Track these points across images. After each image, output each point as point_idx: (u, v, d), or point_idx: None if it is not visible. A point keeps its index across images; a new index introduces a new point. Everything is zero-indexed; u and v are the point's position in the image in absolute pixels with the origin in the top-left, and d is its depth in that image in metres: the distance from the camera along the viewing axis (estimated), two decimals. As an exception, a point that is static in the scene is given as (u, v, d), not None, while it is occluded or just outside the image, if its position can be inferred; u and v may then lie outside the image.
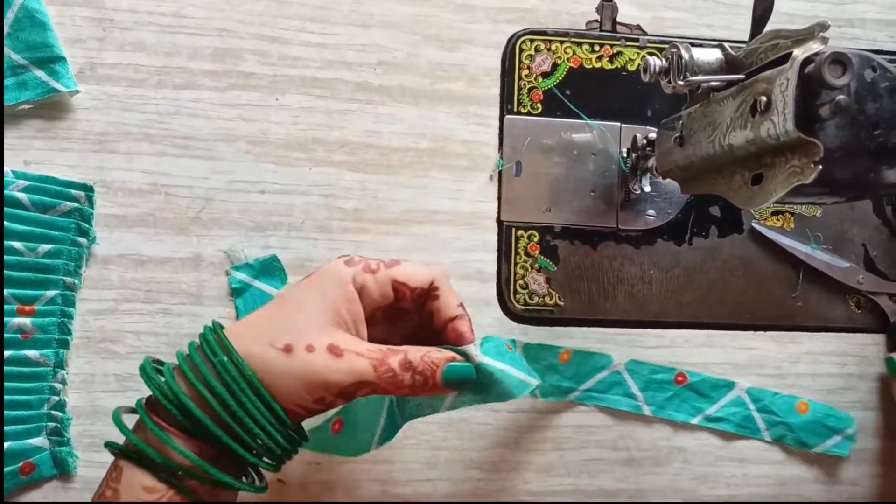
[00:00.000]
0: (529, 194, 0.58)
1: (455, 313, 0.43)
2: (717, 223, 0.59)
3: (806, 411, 0.59)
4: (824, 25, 0.39)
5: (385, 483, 0.56)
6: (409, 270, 0.43)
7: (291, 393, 0.39)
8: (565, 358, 0.57)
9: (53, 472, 0.52)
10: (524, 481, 0.57)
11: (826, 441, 0.59)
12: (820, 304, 0.60)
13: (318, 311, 0.40)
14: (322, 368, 0.39)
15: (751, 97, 0.41)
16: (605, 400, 0.58)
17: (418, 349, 0.41)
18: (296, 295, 0.41)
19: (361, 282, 0.41)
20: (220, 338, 0.40)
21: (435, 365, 0.41)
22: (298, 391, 0.39)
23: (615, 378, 0.58)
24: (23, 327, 0.51)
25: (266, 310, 0.42)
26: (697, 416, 0.58)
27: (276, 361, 0.39)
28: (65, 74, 0.53)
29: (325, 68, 0.56)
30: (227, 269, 0.54)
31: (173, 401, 0.39)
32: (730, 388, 0.59)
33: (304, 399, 0.39)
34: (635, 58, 0.59)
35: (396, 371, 0.40)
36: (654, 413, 0.58)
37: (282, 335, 0.39)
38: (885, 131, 0.38)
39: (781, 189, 0.40)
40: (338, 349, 0.39)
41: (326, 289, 0.41)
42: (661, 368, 0.58)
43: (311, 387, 0.39)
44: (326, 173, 0.56)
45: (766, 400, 0.59)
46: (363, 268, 0.42)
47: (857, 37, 0.62)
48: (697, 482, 0.59)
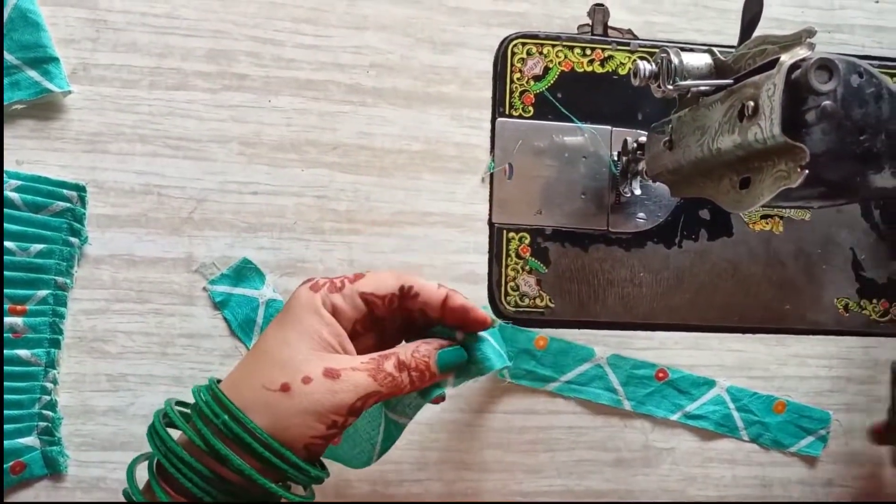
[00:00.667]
0: (521, 197, 0.58)
1: (441, 296, 0.43)
2: (707, 226, 0.60)
3: (782, 411, 0.60)
4: (811, 31, 0.39)
5: (375, 483, 0.56)
6: (374, 280, 0.42)
7: (303, 429, 0.39)
8: (541, 344, 0.57)
9: (44, 471, 0.52)
10: (515, 482, 0.58)
11: (800, 441, 0.60)
12: (808, 307, 0.60)
13: (301, 343, 0.40)
14: (325, 395, 0.39)
15: (739, 102, 0.42)
16: (584, 392, 0.58)
17: (407, 347, 0.42)
18: (274, 335, 0.41)
19: (332, 302, 0.41)
20: (217, 396, 0.39)
21: (427, 357, 0.42)
22: (309, 425, 0.39)
23: (597, 371, 0.58)
24: (14, 327, 0.51)
25: (251, 357, 0.41)
26: (677, 412, 0.59)
27: (279, 404, 0.38)
28: (58, 75, 0.53)
29: (318, 70, 0.57)
30: (204, 286, 0.55)
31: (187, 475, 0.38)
32: (710, 386, 0.59)
33: (317, 430, 0.39)
34: (626, 62, 0.59)
35: (394, 374, 0.40)
36: (633, 408, 0.58)
37: (275, 376, 0.39)
38: (871, 136, 0.39)
39: (769, 193, 0.40)
40: (333, 371, 0.39)
41: (302, 319, 0.40)
42: (642, 364, 0.59)
43: (320, 416, 0.39)
44: (319, 175, 0.56)
45: (745, 399, 0.59)
46: (328, 288, 0.42)
47: (846, 42, 0.63)
48: (686, 483, 0.59)
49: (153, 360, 0.54)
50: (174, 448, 0.39)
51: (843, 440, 0.61)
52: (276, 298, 0.55)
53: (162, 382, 0.54)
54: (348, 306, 0.42)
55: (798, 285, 0.60)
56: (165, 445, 0.39)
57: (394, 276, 0.43)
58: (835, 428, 0.61)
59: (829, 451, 0.61)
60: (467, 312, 0.43)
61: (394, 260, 0.57)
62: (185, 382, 0.54)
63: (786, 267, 0.60)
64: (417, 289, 0.42)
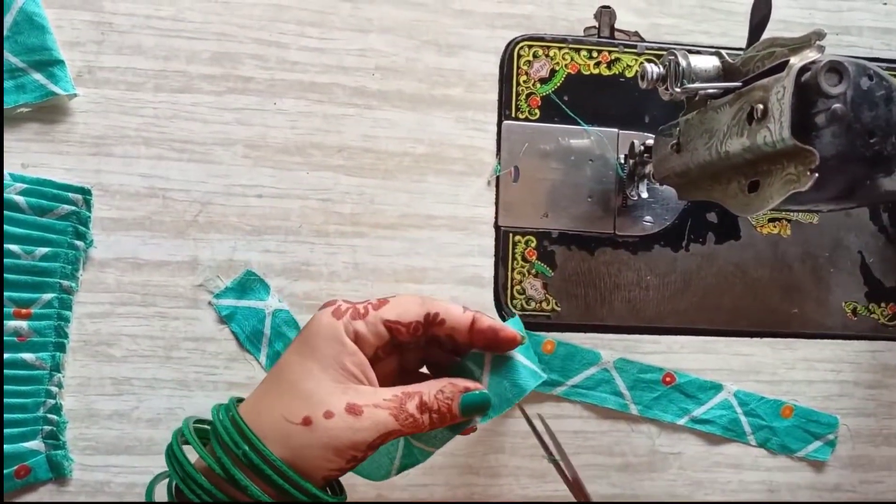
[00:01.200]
0: (527, 200, 0.58)
1: (468, 320, 0.42)
2: (714, 230, 0.59)
3: (790, 416, 0.59)
4: (821, 34, 0.39)
5: (380, 488, 0.56)
6: (399, 308, 0.41)
7: (322, 462, 0.38)
8: (549, 349, 0.57)
9: (49, 475, 0.52)
10: (520, 486, 0.57)
11: (808, 446, 0.60)
12: (816, 310, 0.60)
13: (324, 375, 0.39)
14: (346, 432, 0.38)
15: (747, 105, 0.42)
16: (591, 397, 0.58)
17: (431, 386, 0.41)
18: (297, 363, 0.40)
19: (354, 329, 0.40)
20: (238, 424, 0.39)
21: (450, 400, 0.41)
22: (329, 458, 0.38)
23: (603, 376, 0.58)
24: (19, 330, 0.51)
25: (273, 384, 0.40)
26: (684, 417, 0.58)
27: (300, 437, 0.38)
28: (63, 78, 0.53)
29: (323, 73, 0.56)
30: (209, 301, 0.54)
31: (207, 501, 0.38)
32: (717, 390, 0.59)
33: (336, 464, 0.39)
34: (633, 64, 0.59)
35: (415, 415, 0.40)
36: (640, 413, 0.58)
37: (297, 409, 0.38)
38: (881, 139, 0.38)
39: (778, 196, 0.40)
40: (356, 407, 0.39)
41: (324, 348, 0.40)
42: (649, 368, 0.58)
43: (340, 451, 0.38)
44: (324, 177, 0.56)
45: (752, 404, 0.59)
46: (351, 315, 0.41)
47: (854, 44, 0.62)
48: (693, 488, 0.59)
49: (158, 363, 0.54)
50: (193, 474, 0.38)
51: (851, 445, 0.61)
52: (282, 308, 0.55)
53: (166, 386, 0.54)
54: (371, 334, 0.41)
55: (806, 289, 0.60)
56: (184, 470, 0.39)
57: (419, 304, 0.42)
58: (843, 432, 0.61)
59: (837, 456, 0.61)
60: (496, 333, 0.42)
61: (398, 263, 0.56)
62: (189, 386, 0.54)
63: (793, 270, 0.60)
64: (443, 315, 0.42)
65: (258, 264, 0.55)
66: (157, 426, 0.53)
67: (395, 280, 0.56)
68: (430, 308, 0.42)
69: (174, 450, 0.40)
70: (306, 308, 0.55)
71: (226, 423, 0.39)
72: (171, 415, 0.54)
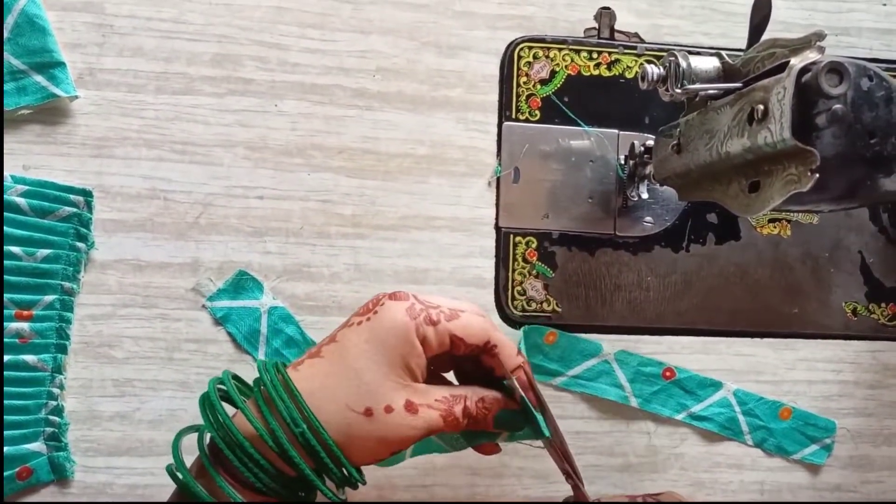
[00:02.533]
0: (527, 201, 0.58)
1: (516, 364, 0.43)
2: (715, 230, 0.59)
3: (788, 417, 0.59)
4: (821, 35, 0.39)
5: (382, 489, 0.56)
6: (468, 326, 0.42)
7: (371, 451, 0.40)
8: (551, 339, 0.57)
9: (51, 477, 0.52)
10: (522, 487, 0.57)
11: (804, 449, 0.60)
12: (816, 311, 0.60)
13: (388, 369, 0.40)
14: (402, 427, 0.40)
15: (748, 105, 0.42)
16: (591, 388, 0.58)
17: (474, 393, 0.43)
18: (365, 351, 0.40)
19: (423, 333, 0.41)
20: (298, 403, 0.39)
21: (487, 410, 0.43)
22: (378, 450, 0.40)
23: (604, 367, 0.58)
24: (21, 332, 0.51)
25: (336, 366, 0.41)
26: (682, 412, 0.58)
27: (359, 426, 0.39)
28: (64, 80, 0.53)
29: (323, 74, 0.57)
30: (203, 304, 0.54)
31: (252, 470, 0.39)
32: (717, 388, 0.59)
33: (381, 455, 0.40)
34: (633, 65, 0.59)
35: (459, 419, 0.42)
36: (640, 405, 0.58)
37: (360, 398, 0.39)
38: (882, 140, 0.38)
39: (778, 197, 0.40)
40: (413, 406, 0.40)
41: (395, 345, 0.40)
42: (650, 361, 0.58)
43: (390, 444, 0.40)
44: (325, 179, 0.56)
45: (751, 403, 0.59)
46: (425, 319, 0.41)
47: (854, 45, 0.63)
48: (694, 488, 0.59)
49: (160, 365, 0.54)
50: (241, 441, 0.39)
51: (852, 445, 0.61)
52: (276, 305, 0.55)
53: (168, 388, 0.54)
54: (436, 343, 0.41)
55: (806, 289, 0.60)
56: (228, 432, 0.39)
57: (485, 328, 0.42)
58: (843, 433, 0.61)
59: (838, 457, 0.61)
60: (528, 390, 0.44)
61: (400, 264, 0.56)
62: (191, 387, 0.54)
63: (794, 271, 0.60)
64: (499, 349, 0.43)
65: (259, 266, 0.55)
66: (158, 428, 0.53)
67: (396, 281, 0.56)
68: (491, 337, 0.43)
69: (215, 405, 0.40)
70: (307, 310, 0.55)
71: (283, 396, 0.39)
72: (173, 416, 0.54)
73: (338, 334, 0.42)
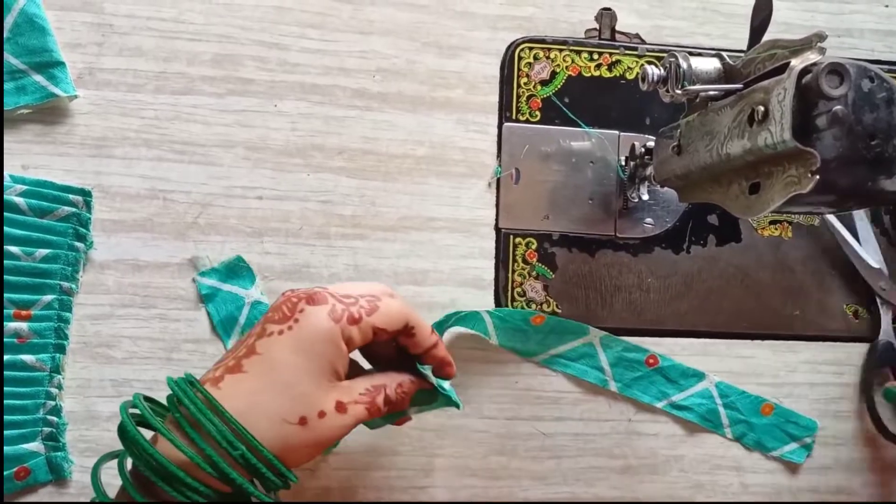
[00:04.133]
0: (527, 202, 0.58)
1: (431, 343, 0.45)
2: (715, 232, 0.59)
3: (769, 414, 0.59)
4: (822, 36, 0.39)
5: (380, 490, 0.56)
6: (388, 315, 0.43)
7: (307, 456, 0.41)
8: (538, 321, 0.56)
9: (49, 477, 0.52)
10: (521, 489, 0.57)
11: (784, 446, 0.59)
12: (817, 313, 0.60)
13: (316, 375, 0.40)
14: (335, 429, 0.40)
15: (748, 107, 0.42)
16: (572, 368, 0.57)
17: (392, 381, 0.44)
18: (293, 364, 0.40)
19: (348, 334, 0.41)
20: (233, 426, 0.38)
21: (406, 394, 0.44)
22: (313, 453, 0.41)
23: (587, 349, 0.57)
24: (19, 332, 0.51)
25: (261, 382, 0.39)
26: (663, 400, 0.58)
27: (295, 436, 0.39)
28: (64, 79, 0.53)
29: (323, 75, 0.56)
30: (193, 277, 0.54)
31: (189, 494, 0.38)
32: (700, 378, 0.58)
33: (315, 455, 0.42)
34: (634, 66, 0.59)
35: (381, 408, 0.43)
36: (619, 390, 0.57)
37: (294, 410, 0.39)
38: (882, 141, 0.38)
39: (779, 198, 0.40)
40: (343, 405, 0.41)
41: (319, 349, 0.40)
42: (634, 347, 0.58)
43: (324, 445, 0.41)
44: (324, 179, 0.56)
45: (733, 396, 0.59)
46: (348, 319, 0.41)
47: (855, 47, 0.62)
48: (694, 490, 0.59)
49: (158, 365, 0.54)
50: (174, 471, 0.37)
51: (853, 447, 0.61)
52: (261, 301, 0.55)
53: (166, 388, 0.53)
54: (360, 339, 0.42)
55: (807, 291, 0.60)
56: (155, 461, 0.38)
57: (403, 314, 0.43)
58: (844, 434, 0.60)
59: (839, 458, 0.60)
60: (442, 361, 0.46)
61: (399, 265, 0.56)
62: (189, 388, 0.54)
63: (795, 272, 0.60)
64: (416, 330, 0.44)
65: (258, 266, 0.55)
66: (157, 428, 0.53)
67: (395, 282, 0.56)
68: (410, 320, 0.44)
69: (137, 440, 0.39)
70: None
71: (212, 418, 0.38)
72: (171, 417, 0.54)
73: (257, 345, 0.40)
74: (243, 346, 0.41)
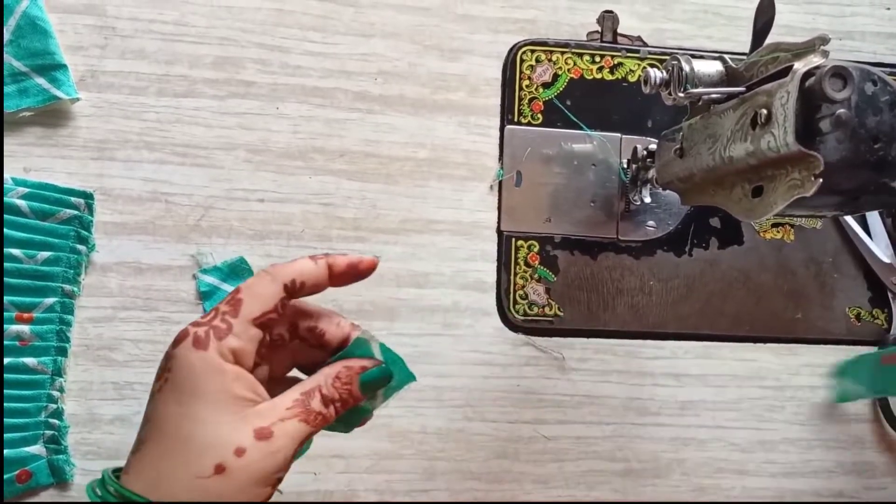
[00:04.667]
0: (529, 204, 0.58)
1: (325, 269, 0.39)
2: (717, 235, 0.59)
3: None
4: (825, 39, 0.39)
5: (383, 493, 0.56)
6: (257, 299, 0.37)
7: (252, 496, 0.35)
8: None
9: (50, 480, 0.52)
10: (523, 492, 0.57)
11: None
12: (819, 316, 0.60)
13: (219, 415, 0.35)
14: (265, 460, 0.35)
15: (751, 110, 0.41)
16: None
17: (327, 376, 0.38)
18: (179, 414, 0.35)
19: (229, 348, 0.36)
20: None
21: (349, 384, 0.38)
22: (255, 493, 0.35)
23: None
24: (21, 334, 0.51)
25: (161, 445, 0.36)
26: None
27: (218, 488, 0.35)
28: (66, 82, 0.53)
29: (325, 77, 0.56)
30: (194, 273, 0.54)
31: None
32: None
33: (263, 493, 0.36)
34: (636, 69, 0.59)
35: (322, 411, 0.37)
36: None
37: (201, 462, 0.34)
38: (886, 144, 0.38)
39: (782, 202, 0.40)
40: (265, 431, 0.35)
41: (205, 388, 0.35)
42: None
43: (264, 481, 0.36)
44: (326, 182, 0.56)
45: None
46: (216, 336, 0.36)
47: (858, 49, 0.62)
48: (696, 494, 0.59)
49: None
50: None
51: (855, 450, 0.60)
52: None
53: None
54: (246, 342, 0.37)
55: (809, 294, 0.60)
56: None
57: (270, 280, 0.38)
58: (846, 438, 0.60)
59: (842, 463, 0.60)
60: (357, 267, 0.40)
61: (400, 268, 0.56)
62: (191, 391, 0.54)
63: (797, 276, 0.60)
64: (299, 277, 0.38)
65: (260, 269, 0.55)
66: (158, 431, 0.53)
67: (396, 285, 0.56)
68: (283, 278, 0.38)
69: None
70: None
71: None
72: (173, 419, 0.53)
73: (148, 412, 0.37)
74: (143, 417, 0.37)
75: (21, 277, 0.51)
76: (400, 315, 0.56)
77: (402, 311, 0.56)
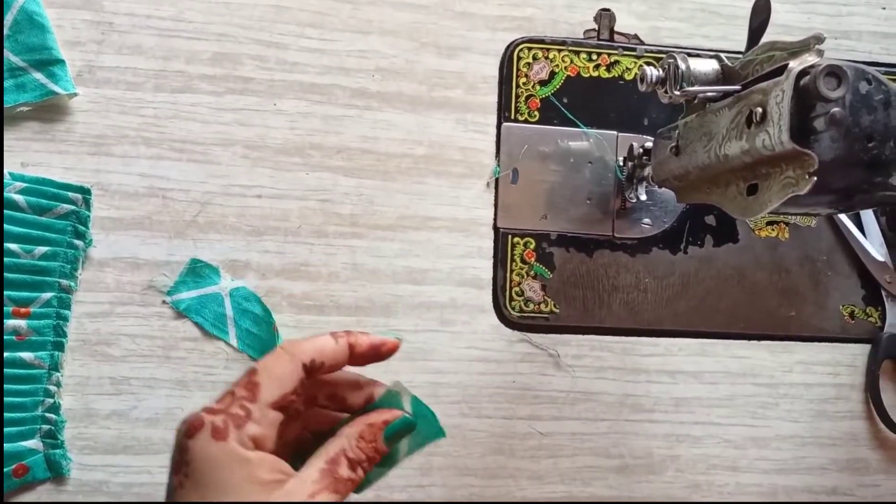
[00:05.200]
0: (526, 202, 0.58)
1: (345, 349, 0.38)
2: (713, 232, 0.59)
3: None
4: (820, 38, 0.39)
5: (378, 489, 0.56)
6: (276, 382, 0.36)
7: None
8: None
9: (47, 474, 0.52)
10: (518, 488, 0.57)
11: None
12: (814, 314, 0.60)
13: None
14: None
15: (746, 108, 0.42)
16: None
17: (350, 438, 0.37)
18: None
19: (250, 436, 0.35)
20: None
21: (373, 442, 0.37)
22: None
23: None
24: (18, 329, 0.51)
25: None
26: None
27: None
28: (63, 77, 0.53)
29: (323, 74, 0.57)
30: (163, 300, 0.54)
31: None
32: None
33: None
34: (632, 67, 0.59)
35: (351, 476, 0.36)
36: None
37: None
38: (880, 143, 0.38)
39: (776, 199, 0.40)
40: None
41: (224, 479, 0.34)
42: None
43: None
44: (323, 178, 0.56)
45: None
46: (235, 425, 0.35)
47: (853, 49, 0.63)
48: (690, 490, 0.59)
49: (157, 363, 0.54)
50: None
51: (849, 447, 0.61)
52: (237, 286, 0.54)
53: (165, 386, 0.54)
54: (267, 428, 0.35)
55: (804, 292, 0.60)
56: None
57: (288, 360, 0.36)
58: (839, 435, 0.61)
59: (835, 459, 0.61)
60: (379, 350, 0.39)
61: (397, 264, 0.56)
62: (188, 386, 0.54)
63: (791, 273, 0.60)
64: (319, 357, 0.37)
65: (257, 265, 0.55)
66: (155, 426, 0.53)
67: (393, 281, 0.56)
68: (302, 357, 0.37)
69: None
70: (305, 309, 0.55)
71: None
72: (170, 415, 0.54)
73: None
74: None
75: (18, 272, 0.51)
76: (397, 311, 0.56)
77: (399, 308, 0.56)
